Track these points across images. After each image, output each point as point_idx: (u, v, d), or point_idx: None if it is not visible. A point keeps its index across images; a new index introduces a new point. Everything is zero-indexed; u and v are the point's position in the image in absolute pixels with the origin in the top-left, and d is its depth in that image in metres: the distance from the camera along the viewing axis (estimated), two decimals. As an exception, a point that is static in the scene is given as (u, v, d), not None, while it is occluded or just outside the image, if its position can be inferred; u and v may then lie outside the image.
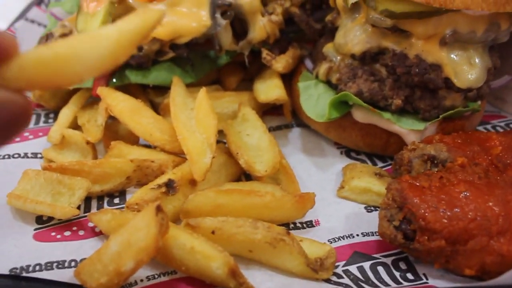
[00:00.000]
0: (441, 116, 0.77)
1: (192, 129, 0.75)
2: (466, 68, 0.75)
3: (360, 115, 0.80)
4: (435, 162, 0.71)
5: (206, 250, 0.59)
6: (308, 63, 0.89)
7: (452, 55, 0.75)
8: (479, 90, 0.80)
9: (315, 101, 0.81)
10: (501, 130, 0.91)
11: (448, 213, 0.62)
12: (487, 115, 0.94)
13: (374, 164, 0.83)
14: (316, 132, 0.88)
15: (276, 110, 0.91)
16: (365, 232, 0.70)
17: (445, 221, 0.62)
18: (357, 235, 0.70)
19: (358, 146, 0.84)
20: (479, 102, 0.82)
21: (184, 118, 0.77)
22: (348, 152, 0.85)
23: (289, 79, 0.91)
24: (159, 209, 0.58)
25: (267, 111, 0.91)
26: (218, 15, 0.84)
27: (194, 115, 0.77)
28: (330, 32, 0.87)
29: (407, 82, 0.76)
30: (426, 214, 0.62)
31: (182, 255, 0.60)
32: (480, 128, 0.91)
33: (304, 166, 0.83)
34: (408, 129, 0.78)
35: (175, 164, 0.75)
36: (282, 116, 0.91)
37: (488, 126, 0.92)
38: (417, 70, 0.74)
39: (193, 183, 0.72)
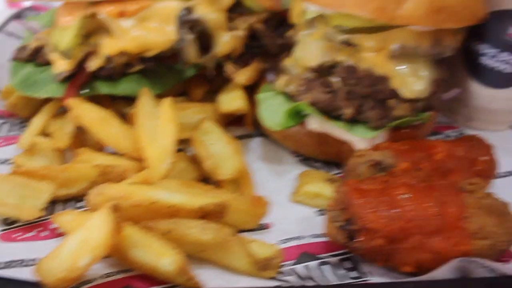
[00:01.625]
0: (389, 125, 0.80)
1: (154, 136, 0.78)
2: (413, 80, 0.79)
3: (315, 125, 0.83)
4: (381, 167, 0.74)
5: (158, 248, 0.62)
6: (271, 76, 0.93)
7: (399, 68, 0.79)
8: (428, 102, 0.84)
9: (273, 111, 0.84)
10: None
11: (388, 214, 0.65)
12: (441, 126, 0.98)
13: (330, 170, 0.86)
14: (276, 141, 0.91)
15: (240, 120, 0.94)
16: (315, 234, 0.73)
17: (385, 221, 0.65)
18: (307, 237, 0.73)
19: (314, 154, 0.87)
20: (428, 113, 0.86)
21: (149, 127, 0.80)
22: (305, 160, 0.89)
23: (253, 91, 0.94)
24: (114, 208, 0.61)
25: (231, 121, 0.95)
26: (184, 30, 0.88)
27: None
28: (290, 46, 0.91)
29: (358, 93, 0.80)
30: (367, 214, 0.65)
31: (137, 253, 0.63)
32: (433, 137, 0.94)
33: (263, 173, 0.86)
34: (359, 137, 0.81)
35: (137, 170, 0.78)
36: (245, 127, 0.94)
37: (441, 136, 0.96)
38: (366, 82, 0.79)
39: (153, 187, 0.75)
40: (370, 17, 0.73)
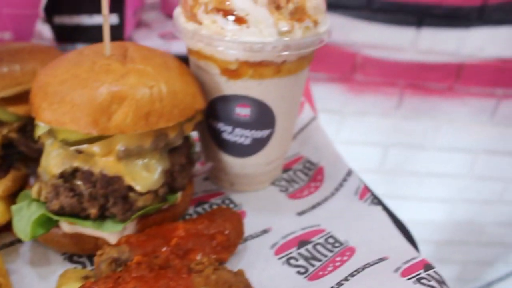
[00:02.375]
0: (133, 217, 0.87)
1: None
2: (145, 174, 0.87)
3: (67, 227, 0.88)
4: (119, 263, 0.81)
5: None
6: (32, 181, 0.96)
7: (130, 166, 0.86)
8: (172, 185, 0.92)
9: (26, 221, 0.88)
10: (215, 207, 1.04)
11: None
12: (208, 195, 1.08)
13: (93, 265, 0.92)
14: (44, 242, 0.95)
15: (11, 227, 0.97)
16: None
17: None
18: None
19: (75, 252, 0.92)
20: (178, 194, 0.94)
21: None
22: (70, 257, 0.93)
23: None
24: None
25: (2, 228, 0.97)
26: None
27: None
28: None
29: (98, 194, 0.86)
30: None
31: None
32: (198, 208, 1.03)
33: (29, 279, 0.88)
34: (108, 232, 0.87)
35: None
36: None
37: (206, 205, 1.05)
38: (102, 183, 0.85)
39: None
40: (86, 131, 0.80)
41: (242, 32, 0.85)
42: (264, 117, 0.97)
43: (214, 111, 0.98)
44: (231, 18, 0.85)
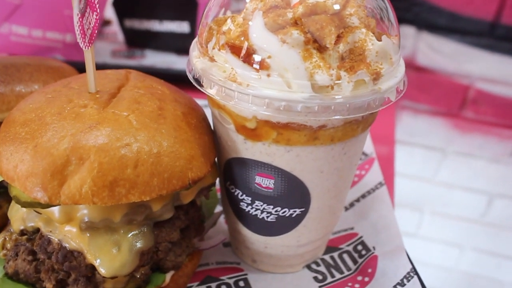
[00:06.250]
0: (97, 303, 0.63)
1: None
2: (113, 253, 0.62)
3: (20, 298, 0.66)
4: None
5: None
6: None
7: (95, 240, 0.62)
8: (160, 264, 0.67)
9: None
10: None
11: None
12: (222, 268, 0.80)
13: None
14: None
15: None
16: None
17: None
18: None
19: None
20: (167, 275, 0.68)
21: None
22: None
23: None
24: None
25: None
26: None
27: None
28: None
29: (56, 267, 0.63)
30: None
31: None
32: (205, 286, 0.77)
33: None
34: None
35: None
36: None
37: (215, 283, 0.78)
38: (57, 257, 0.62)
39: None
40: (32, 195, 0.57)
41: (261, 81, 0.56)
42: (293, 193, 0.67)
43: (231, 174, 0.70)
44: (247, 60, 0.56)
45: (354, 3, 0.59)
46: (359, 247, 0.83)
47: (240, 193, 0.70)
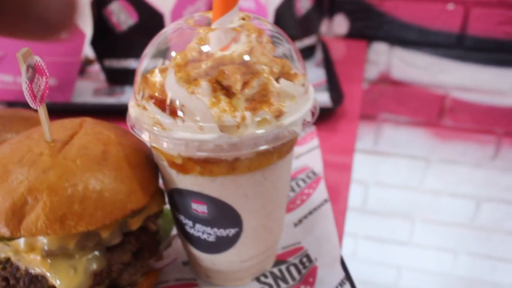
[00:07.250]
0: (59, 321, 0.75)
1: None
2: (70, 275, 0.74)
3: (-1, 319, 0.79)
4: None
5: None
6: None
7: (56, 265, 0.74)
8: (116, 282, 0.78)
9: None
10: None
11: None
12: (180, 285, 0.91)
13: None
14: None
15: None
16: None
17: None
18: None
19: None
20: (126, 291, 0.80)
21: None
22: None
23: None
24: None
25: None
26: None
27: None
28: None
29: (25, 291, 0.75)
30: None
31: None
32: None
33: None
34: (35, 333, 0.76)
35: None
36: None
37: (173, 300, 0.89)
38: (25, 281, 0.74)
39: None
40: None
41: (178, 126, 0.68)
42: (225, 215, 0.78)
43: (174, 202, 0.81)
44: (166, 109, 0.68)
45: (257, 52, 0.71)
46: (304, 260, 0.94)
47: (183, 218, 0.81)
